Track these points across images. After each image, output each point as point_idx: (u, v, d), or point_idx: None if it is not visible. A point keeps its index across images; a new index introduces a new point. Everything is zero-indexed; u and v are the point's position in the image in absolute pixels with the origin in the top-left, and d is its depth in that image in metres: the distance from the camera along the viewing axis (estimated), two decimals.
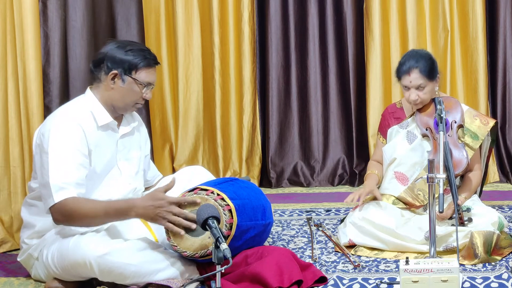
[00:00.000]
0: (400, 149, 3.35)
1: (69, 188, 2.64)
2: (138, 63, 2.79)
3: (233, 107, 4.83)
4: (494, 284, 2.65)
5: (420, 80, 3.25)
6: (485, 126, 3.35)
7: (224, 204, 2.70)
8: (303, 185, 4.79)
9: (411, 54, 3.34)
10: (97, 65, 2.83)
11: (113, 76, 2.79)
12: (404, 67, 3.28)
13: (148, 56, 2.83)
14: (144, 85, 2.83)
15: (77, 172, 2.69)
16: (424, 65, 3.26)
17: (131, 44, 2.87)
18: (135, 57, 2.80)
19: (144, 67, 2.81)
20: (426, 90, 3.27)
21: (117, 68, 2.79)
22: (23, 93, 3.50)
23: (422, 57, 3.30)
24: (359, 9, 4.77)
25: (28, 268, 2.92)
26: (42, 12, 3.81)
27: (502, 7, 4.63)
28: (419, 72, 3.24)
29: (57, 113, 2.81)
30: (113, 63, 2.78)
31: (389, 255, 3.08)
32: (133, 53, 2.80)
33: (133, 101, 2.85)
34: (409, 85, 3.26)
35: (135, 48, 2.83)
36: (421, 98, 3.28)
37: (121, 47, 2.82)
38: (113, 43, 2.85)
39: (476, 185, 3.38)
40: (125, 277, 2.65)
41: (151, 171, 3.21)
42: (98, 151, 2.80)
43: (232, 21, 4.78)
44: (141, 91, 2.83)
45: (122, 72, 2.79)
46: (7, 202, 3.43)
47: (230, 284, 2.62)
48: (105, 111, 2.83)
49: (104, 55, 2.81)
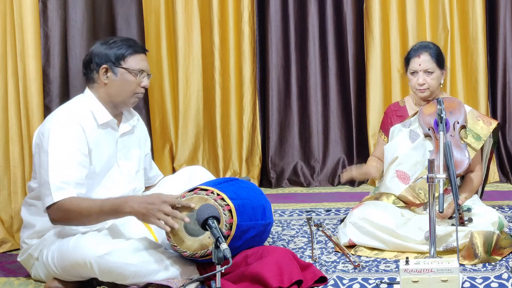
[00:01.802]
0: (402, 148, 3.35)
1: (68, 188, 2.64)
2: (124, 52, 2.82)
3: (233, 107, 4.84)
4: (494, 284, 2.65)
5: (430, 64, 3.29)
6: (488, 127, 3.35)
7: (224, 204, 2.70)
8: (303, 185, 4.79)
9: (421, 43, 3.44)
10: (87, 67, 2.86)
11: (104, 70, 2.81)
12: (414, 51, 3.36)
13: (132, 44, 2.87)
14: (137, 73, 2.84)
15: (77, 172, 2.69)
16: (434, 50, 3.35)
17: (113, 38, 2.90)
18: (119, 48, 2.83)
19: (131, 55, 2.83)
20: (434, 76, 3.29)
21: (105, 62, 2.81)
22: (23, 93, 3.50)
23: (432, 44, 3.41)
24: (359, 9, 4.77)
25: (28, 268, 2.92)
26: (42, 12, 3.81)
27: (502, 7, 4.63)
28: (429, 55, 3.32)
29: (57, 113, 2.82)
30: (100, 58, 2.81)
31: (389, 255, 3.08)
32: (116, 45, 2.83)
33: (131, 91, 2.85)
34: (418, 68, 3.30)
35: (118, 39, 2.87)
36: (428, 83, 3.29)
37: (104, 42, 2.86)
38: (97, 42, 2.89)
39: (477, 186, 3.38)
40: (125, 277, 2.65)
41: (153, 170, 3.22)
42: (98, 150, 2.81)
43: (232, 21, 4.78)
44: (136, 79, 2.84)
45: (111, 65, 2.81)
46: (7, 202, 3.43)
47: (230, 284, 2.62)
48: (105, 110, 2.84)
49: (91, 55, 2.84)
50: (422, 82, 3.30)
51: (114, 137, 2.89)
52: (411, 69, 3.33)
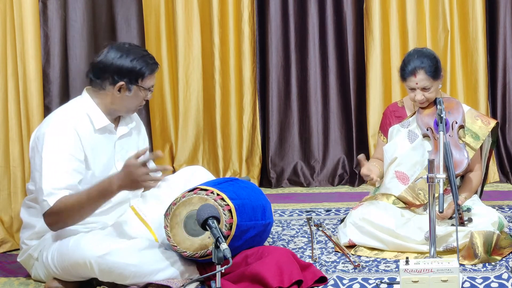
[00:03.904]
0: (401, 149, 3.34)
1: (59, 194, 2.63)
2: (144, 71, 2.78)
3: (233, 107, 4.83)
4: (494, 284, 2.65)
5: (427, 82, 3.23)
6: (487, 126, 3.34)
7: (224, 204, 2.70)
8: (303, 185, 4.79)
9: (415, 54, 3.31)
10: (99, 75, 2.78)
11: (120, 87, 2.78)
12: (410, 67, 3.25)
13: (150, 61, 2.82)
14: (147, 90, 2.84)
15: (70, 178, 2.67)
16: (429, 65, 3.24)
17: (132, 50, 2.81)
18: (140, 66, 2.77)
19: (150, 74, 2.81)
20: (432, 89, 3.27)
21: (123, 79, 2.76)
22: (23, 93, 3.50)
23: (426, 56, 3.27)
24: (359, 9, 4.77)
25: (28, 268, 2.92)
26: (42, 12, 3.81)
27: (502, 7, 4.63)
28: (425, 73, 3.22)
29: (53, 117, 2.80)
30: (120, 74, 2.75)
31: (389, 255, 3.08)
32: (137, 62, 2.77)
33: (136, 105, 2.86)
34: (415, 87, 3.25)
35: (138, 55, 2.79)
36: (427, 97, 3.28)
37: (124, 55, 2.77)
38: (114, 51, 2.79)
39: (476, 186, 3.37)
40: (125, 277, 2.65)
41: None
42: (96, 154, 2.79)
43: (232, 21, 4.77)
44: (144, 95, 2.84)
45: (128, 81, 2.77)
46: (7, 202, 3.43)
47: (230, 284, 2.63)
48: (103, 114, 2.81)
49: (109, 66, 2.76)
50: (421, 99, 3.28)
51: (112, 140, 2.88)
52: (408, 86, 3.30)
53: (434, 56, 3.31)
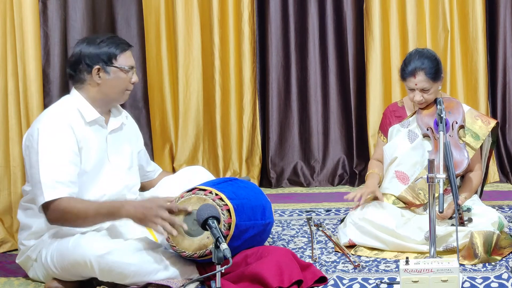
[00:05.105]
0: (401, 148, 3.34)
1: (60, 187, 2.64)
2: (114, 51, 2.83)
3: (233, 107, 4.83)
4: (494, 284, 2.65)
5: (426, 84, 3.23)
6: (487, 126, 3.34)
7: (222, 204, 2.70)
8: (303, 185, 4.79)
9: (416, 54, 3.31)
10: (75, 68, 2.84)
11: (97, 71, 2.81)
12: (410, 68, 3.25)
13: (119, 42, 2.88)
14: (128, 70, 2.86)
15: (69, 170, 2.69)
16: (430, 66, 3.23)
17: (99, 37, 2.89)
18: (109, 47, 2.83)
19: (121, 53, 2.85)
20: (431, 91, 3.26)
21: (97, 63, 2.81)
22: (23, 93, 3.50)
23: (427, 58, 3.27)
24: (359, 9, 4.77)
25: (26, 269, 2.91)
26: (42, 12, 3.81)
27: (502, 7, 4.63)
28: (424, 75, 3.22)
29: (44, 114, 2.83)
30: (91, 59, 2.81)
31: (389, 255, 3.08)
32: (105, 44, 2.83)
33: (123, 88, 2.88)
34: (414, 87, 3.25)
35: (104, 38, 2.87)
36: (426, 98, 3.28)
37: (91, 42, 2.84)
38: (81, 43, 2.87)
39: (477, 185, 3.37)
40: (125, 277, 2.65)
41: (151, 165, 3.25)
42: (88, 148, 2.80)
43: (232, 21, 4.78)
44: (127, 76, 2.86)
45: (103, 65, 2.81)
46: (7, 202, 3.43)
47: (230, 284, 2.62)
48: (92, 108, 2.84)
49: (79, 56, 2.82)
50: (419, 100, 3.28)
51: (103, 134, 2.89)
52: (408, 86, 3.30)
53: (435, 58, 3.31)
